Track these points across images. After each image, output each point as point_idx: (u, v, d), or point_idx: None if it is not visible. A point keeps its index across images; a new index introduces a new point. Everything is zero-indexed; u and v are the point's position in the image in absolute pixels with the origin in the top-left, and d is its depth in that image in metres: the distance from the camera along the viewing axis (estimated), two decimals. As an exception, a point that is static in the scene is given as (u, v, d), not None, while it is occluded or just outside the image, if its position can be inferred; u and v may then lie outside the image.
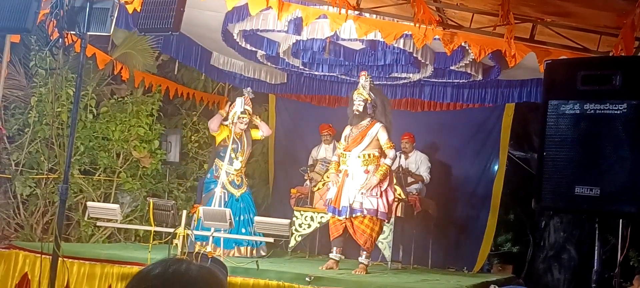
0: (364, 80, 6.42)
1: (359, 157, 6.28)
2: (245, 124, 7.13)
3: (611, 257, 4.04)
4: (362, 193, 6.16)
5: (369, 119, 6.33)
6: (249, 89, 7.39)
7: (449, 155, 8.80)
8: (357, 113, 6.32)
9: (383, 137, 6.27)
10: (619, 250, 3.74)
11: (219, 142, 7.18)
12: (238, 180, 7.09)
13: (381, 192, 6.19)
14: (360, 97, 6.33)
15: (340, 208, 6.21)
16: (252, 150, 7.45)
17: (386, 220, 6.33)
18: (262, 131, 7.33)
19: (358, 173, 6.24)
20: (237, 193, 7.03)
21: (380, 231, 6.37)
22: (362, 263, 6.26)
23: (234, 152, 7.02)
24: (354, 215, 6.19)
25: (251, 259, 5.98)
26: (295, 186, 8.40)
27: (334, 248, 6.38)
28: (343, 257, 6.47)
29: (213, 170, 7.17)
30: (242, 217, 6.91)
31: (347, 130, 6.46)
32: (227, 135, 7.08)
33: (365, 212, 6.15)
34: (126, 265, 5.77)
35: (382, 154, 6.28)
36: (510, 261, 9.57)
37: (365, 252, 6.26)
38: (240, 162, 7.07)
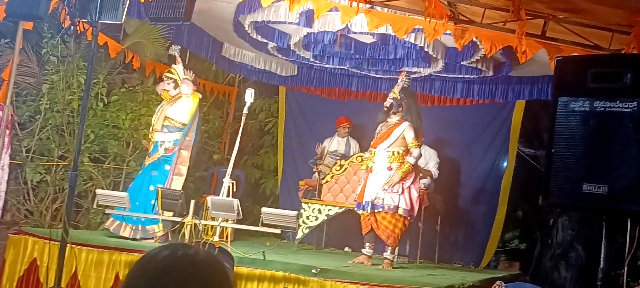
0: (400, 80, 6.67)
1: (384, 153, 6.40)
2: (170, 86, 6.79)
3: (619, 256, 4.02)
4: (384, 189, 6.29)
5: (398, 117, 6.44)
6: (174, 46, 7.09)
7: (458, 150, 8.78)
8: (385, 109, 6.53)
9: (409, 135, 6.39)
10: (626, 249, 3.73)
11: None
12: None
13: (403, 189, 6.31)
14: (392, 94, 6.55)
15: (363, 204, 6.40)
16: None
17: (409, 217, 6.38)
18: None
19: (382, 170, 6.38)
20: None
21: (404, 227, 6.43)
22: (387, 258, 6.39)
23: None
24: (376, 211, 6.33)
25: (257, 250, 5.99)
26: (303, 178, 8.42)
27: (366, 243, 6.53)
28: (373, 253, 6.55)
29: None
30: None
31: (378, 127, 6.64)
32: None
33: (386, 207, 6.30)
34: (134, 253, 5.80)
35: (408, 152, 6.37)
36: (517, 258, 9.53)
37: (389, 248, 6.40)
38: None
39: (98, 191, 6.24)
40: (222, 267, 1.49)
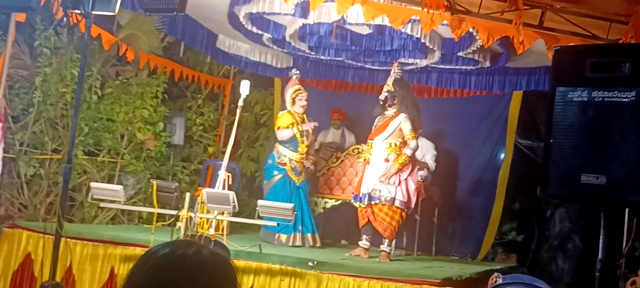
0: (392, 71, 6.65)
1: (381, 145, 6.38)
2: (306, 102, 7.03)
3: (617, 247, 4.00)
4: (381, 181, 6.27)
5: (395, 110, 6.42)
6: (295, 69, 7.27)
7: (455, 142, 8.75)
8: (381, 102, 6.53)
9: (406, 127, 6.38)
10: (624, 240, 3.71)
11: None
12: (300, 167, 6.98)
13: (400, 181, 6.29)
14: (386, 87, 6.53)
15: (360, 196, 6.39)
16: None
17: (406, 210, 6.36)
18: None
19: (379, 162, 6.36)
20: (297, 180, 6.96)
21: (401, 220, 6.41)
22: (384, 251, 6.38)
23: (300, 137, 6.93)
24: (373, 202, 6.31)
25: (254, 243, 5.96)
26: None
27: (363, 236, 6.50)
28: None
29: (274, 156, 7.05)
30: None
31: (376, 119, 6.63)
32: (292, 122, 6.93)
33: (382, 199, 6.29)
34: (129, 247, 5.77)
35: (405, 144, 6.34)
36: (514, 250, 9.53)
37: (386, 240, 6.39)
38: (306, 146, 6.98)
39: (93, 184, 6.19)
40: (226, 265, 1.45)
